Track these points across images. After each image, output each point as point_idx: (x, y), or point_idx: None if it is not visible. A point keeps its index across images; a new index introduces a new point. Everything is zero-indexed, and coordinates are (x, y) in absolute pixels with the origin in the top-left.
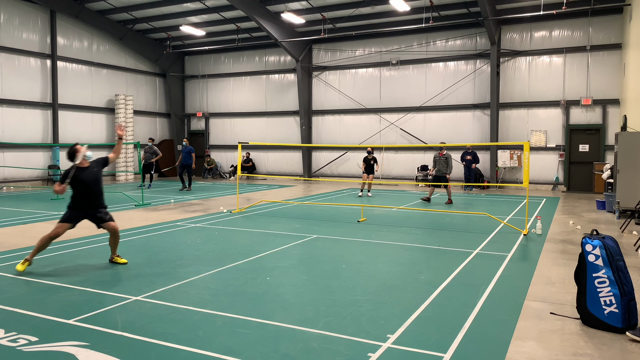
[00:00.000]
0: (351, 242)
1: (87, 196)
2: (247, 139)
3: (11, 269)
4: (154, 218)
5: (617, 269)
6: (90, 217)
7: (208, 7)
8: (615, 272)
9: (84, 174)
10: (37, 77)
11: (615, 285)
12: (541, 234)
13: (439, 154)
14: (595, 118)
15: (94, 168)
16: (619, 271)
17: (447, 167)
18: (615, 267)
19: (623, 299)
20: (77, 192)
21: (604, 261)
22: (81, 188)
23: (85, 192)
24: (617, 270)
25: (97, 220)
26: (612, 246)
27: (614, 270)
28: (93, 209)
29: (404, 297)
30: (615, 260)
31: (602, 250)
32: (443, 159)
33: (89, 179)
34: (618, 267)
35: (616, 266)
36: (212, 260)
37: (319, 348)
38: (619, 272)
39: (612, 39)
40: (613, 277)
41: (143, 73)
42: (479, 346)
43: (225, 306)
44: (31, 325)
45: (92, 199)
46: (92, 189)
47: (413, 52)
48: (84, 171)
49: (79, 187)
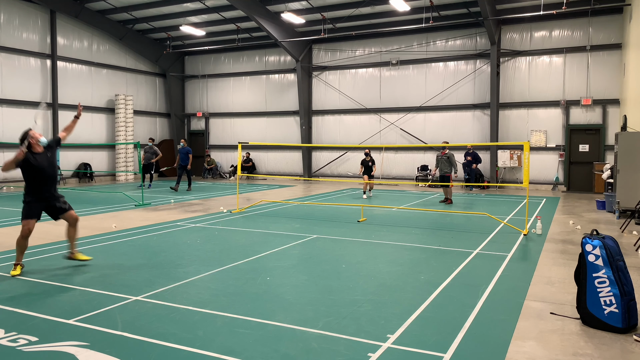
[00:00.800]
0: (351, 242)
1: (44, 182)
2: (247, 139)
3: (11, 269)
4: (154, 218)
5: (617, 269)
6: (50, 208)
7: (208, 7)
8: (616, 272)
9: (39, 159)
10: (37, 77)
11: (616, 285)
12: (541, 234)
13: (441, 153)
14: (595, 118)
15: (48, 153)
16: (619, 271)
17: (450, 167)
18: (616, 267)
19: (623, 298)
20: (33, 178)
21: (604, 261)
22: (37, 174)
23: (43, 178)
24: (617, 270)
25: (56, 211)
26: (612, 246)
27: (614, 270)
28: (53, 198)
29: (404, 297)
30: (615, 260)
31: (602, 250)
32: (445, 158)
33: (45, 164)
34: (618, 267)
35: (616, 266)
36: (212, 260)
37: (319, 348)
38: (619, 272)
39: (612, 39)
40: (613, 277)
41: (143, 73)
42: (479, 346)
43: (225, 306)
44: (31, 325)
45: (50, 185)
46: (48, 173)
47: (413, 52)
48: (38, 156)
49: (34, 173)
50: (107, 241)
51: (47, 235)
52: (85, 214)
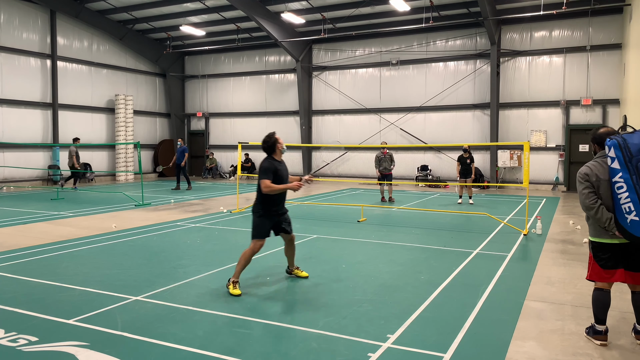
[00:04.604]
0: (351, 242)
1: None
2: (247, 139)
3: (11, 269)
4: (154, 218)
5: (638, 169)
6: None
7: (208, 7)
8: (634, 174)
9: (281, 168)
10: (37, 77)
11: (633, 189)
12: (541, 234)
13: (383, 153)
14: (595, 118)
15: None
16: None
17: (390, 164)
18: (635, 169)
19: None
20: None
21: (620, 162)
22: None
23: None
24: (635, 172)
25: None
26: (633, 144)
27: (631, 172)
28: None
29: (404, 297)
30: (635, 159)
31: (617, 150)
32: (388, 157)
33: (285, 174)
34: (638, 167)
35: (636, 166)
36: (212, 260)
37: (319, 348)
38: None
39: (612, 39)
40: (631, 181)
41: (143, 73)
42: (479, 346)
43: (225, 306)
44: (31, 325)
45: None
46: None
47: (413, 52)
48: (281, 165)
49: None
50: (107, 241)
51: (47, 236)
52: (85, 214)
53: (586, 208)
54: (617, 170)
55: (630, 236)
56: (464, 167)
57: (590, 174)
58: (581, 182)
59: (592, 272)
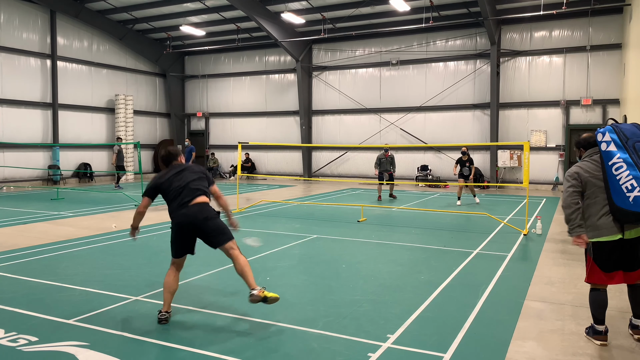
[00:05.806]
0: (351, 242)
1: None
2: (247, 139)
3: (11, 269)
4: (154, 218)
5: (635, 149)
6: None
7: (208, 7)
8: (633, 153)
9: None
10: (37, 77)
11: (634, 166)
12: (541, 234)
13: (385, 155)
14: (595, 118)
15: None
16: (638, 152)
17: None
18: (633, 148)
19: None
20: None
21: (616, 144)
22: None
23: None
24: (634, 152)
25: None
26: (626, 128)
27: (630, 151)
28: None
29: (404, 297)
30: (631, 141)
31: (612, 134)
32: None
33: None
34: (636, 148)
35: (633, 147)
36: (212, 260)
37: (319, 348)
38: (637, 152)
39: (612, 39)
40: (630, 159)
41: (143, 73)
42: (479, 346)
43: (225, 306)
44: (31, 325)
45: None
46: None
47: (413, 52)
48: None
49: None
50: (107, 241)
51: (47, 236)
52: (85, 214)
53: (566, 205)
54: (614, 152)
55: (633, 215)
56: (463, 169)
57: (581, 172)
58: (568, 181)
59: (591, 274)
